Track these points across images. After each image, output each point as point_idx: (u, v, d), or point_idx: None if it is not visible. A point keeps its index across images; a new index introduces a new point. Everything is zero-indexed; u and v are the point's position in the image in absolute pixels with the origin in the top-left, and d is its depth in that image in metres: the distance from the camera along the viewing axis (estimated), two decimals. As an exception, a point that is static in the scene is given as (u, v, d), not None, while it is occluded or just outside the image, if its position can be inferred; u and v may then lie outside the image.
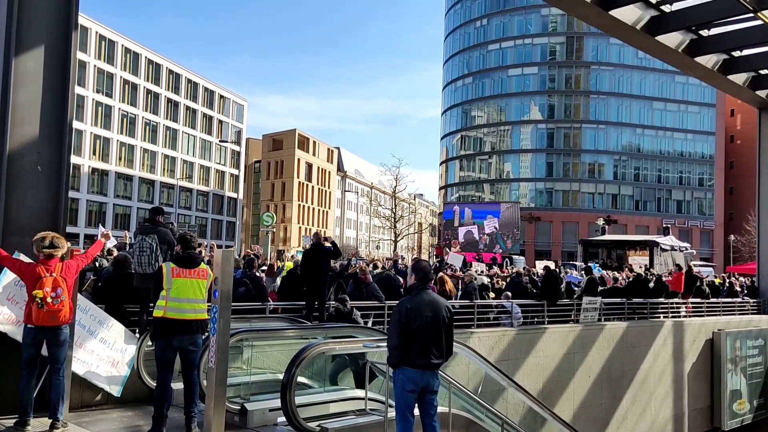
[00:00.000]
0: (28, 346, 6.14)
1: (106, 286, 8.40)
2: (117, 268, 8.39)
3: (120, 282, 8.23)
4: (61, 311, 5.96)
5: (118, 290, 8.16)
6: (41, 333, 6.05)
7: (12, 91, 6.90)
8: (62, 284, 5.99)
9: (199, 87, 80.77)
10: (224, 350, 5.21)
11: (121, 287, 8.17)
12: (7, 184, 6.91)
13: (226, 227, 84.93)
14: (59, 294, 5.93)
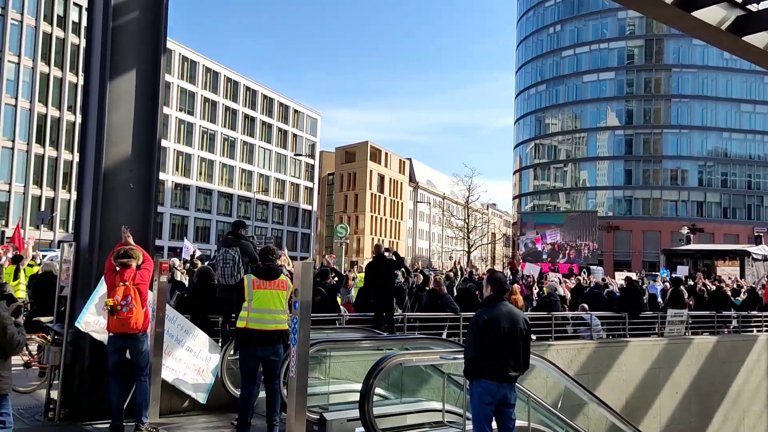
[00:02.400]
0: (111, 353, 6.51)
1: (191, 297, 8.75)
2: (201, 280, 8.73)
3: (204, 293, 8.56)
4: (130, 318, 6.25)
5: (202, 301, 8.48)
6: (120, 341, 6.39)
7: (107, 113, 7.35)
8: (133, 293, 6.30)
9: (274, 102, 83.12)
10: (304, 360, 5.32)
11: (205, 298, 8.49)
12: (103, 201, 7.35)
13: (300, 239, 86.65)
14: (129, 302, 6.23)
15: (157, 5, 7.63)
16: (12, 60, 53.06)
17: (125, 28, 7.44)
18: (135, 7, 7.45)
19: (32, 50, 54.58)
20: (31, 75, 54.66)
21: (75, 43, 58.09)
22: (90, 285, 7.21)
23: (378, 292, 9.91)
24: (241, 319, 6.13)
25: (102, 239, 7.29)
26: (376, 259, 10.29)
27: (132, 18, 7.44)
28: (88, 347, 7.10)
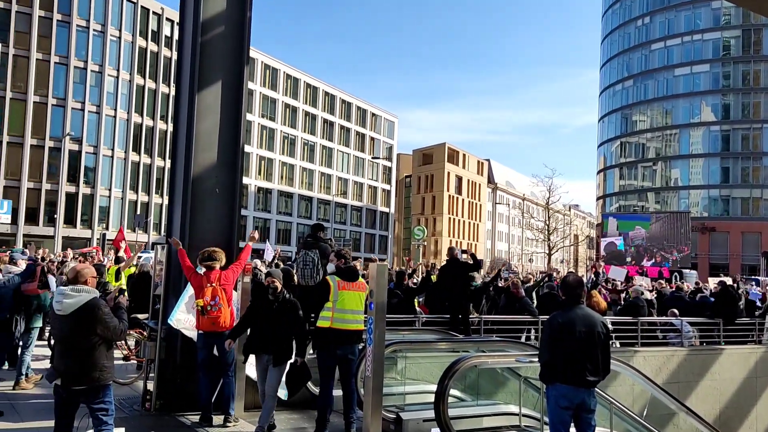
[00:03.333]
0: (200, 349, 6.93)
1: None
2: (284, 281, 9.05)
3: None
4: (219, 317, 6.69)
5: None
6: (209, 338, 6.79)
7: (196, 122, 7.79)
8: (220, 293, 6.69)
9: (352, 107, 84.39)
10: (380, 360, 5.46)
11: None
12: (192, 205, 7.79)
13: (378, 241, 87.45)
14: (217, 302, 6.64)
15: (240, 20, 8.02)
16: (111, 74, 56.55)
17: (212, 42, 7.87)
18: (221, 22, 7.86)
19: (129, 64, 57.95)
20: (128, 87, 58.05)
21: (167, 56, 61.21)
22: (180, 285, 7.67)
23: (453, 294, 9.94)
24: (325, 319, 6.34)
25: (192, 242, 7.73)
26: (450, 262, 10.33)
27: (218, 33, 7.86)
28: (180, 343, 7.56)
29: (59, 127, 52.91)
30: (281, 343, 6.37)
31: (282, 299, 6.52)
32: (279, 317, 6.38)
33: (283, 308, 6.45)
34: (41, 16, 52.48)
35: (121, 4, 57.28)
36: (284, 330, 6.39)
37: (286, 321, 6.40)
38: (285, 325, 6.40)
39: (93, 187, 55.53)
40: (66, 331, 4.60)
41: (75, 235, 53.09)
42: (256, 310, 6.61)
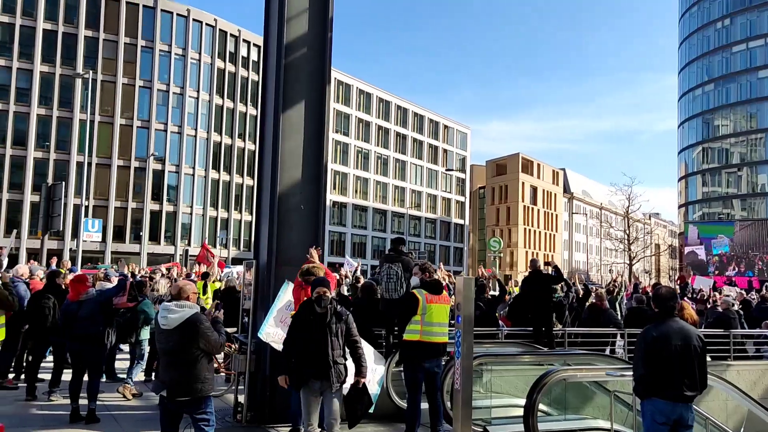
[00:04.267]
0: None
1: (356, 310, 9.23)
2: (365, 294, 9.20)
3: (368, 307, 9.01)
4: None
5: (367, 314, 8.92)
6: None
7: (281, 141, 8.08)
8: None
9: (424, 119, 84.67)
10: (469, 373, 5.47)
11: (369, 312, 8.92)
12: (279, 222, 8.06)
13: (453, 253, 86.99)
14: None
15: (322, 40, 8.28)
16: (192, 95, 59.13)
17: (295, 63, 8.15)
18: (303, 44, 8.14)
19: (208, 85, 60.44)
20: (207, 107, 60.51)
21: (244, 76, 63.46)
22: (269, 299, 7.91)
23: (536, 306, 9.80)
24: (413, 332, 6.38)
25: (278, 257, 7.99)
26: (533, 274, 10.20)
27: (301, 54, 8.14)
28: (269, 356, 7.79)
29: (144, 148, 55.68)
30: (336, 363, 5.51)
31: (333, 311, 5.65)
32: (331, 332, 5.55)
33: (336, 320, 5.63)
34: (126, 43, 55.57)
35: (200, 29, 59.91)
36: (339, 347, 5.58)
37: (340, 336, 5.61)
38: (339, 340, 5.60)
39: (175, 204, 57.98)
40: (171, 345, 4.86)
41: (159, 252, 55.51)
42: (302, 326, 5.65)
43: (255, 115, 64.68)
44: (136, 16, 56.10)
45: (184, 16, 58.79)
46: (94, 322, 7.45)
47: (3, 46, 51.39)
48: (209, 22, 60.75)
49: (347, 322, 5.73)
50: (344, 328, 5.66)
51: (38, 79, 52.40)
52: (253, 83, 64.29)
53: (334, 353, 5.54)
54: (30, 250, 45.79)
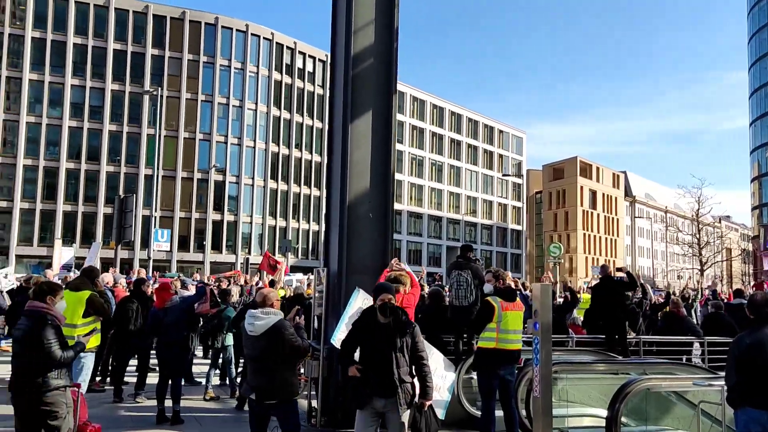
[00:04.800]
0: None
1: (425, 317, 9.29)
2: (433, 301, 9.25)
3: (436, 314, 9.05)
4: None
5: (435, 321, 8.96)
6: None
7: (350, 151, 8.23)
8: None
9: (479, 125, 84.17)
10: (548, 381, 5.43)
11: (438, 318, 8.96)
12: (348, 230, 8.21)
13: (510, 259, 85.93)
14: None
15: (388, 51, 8.41)
16: (250, 107, 60.63)
17: (362, 75, 8.31)
18: (370, 55, 8.29)
19: (266, 97, 61.85)
20: (265, 119, 61.89)
21: (300, 87, 64.65)
22: (340, 305, 8.06)
23: (608, 313, 9.60)
24: (488, 340, 6.37)
25: (348, 265, 8.13)
26: (604, 280, 10.00)
27: (368, 65, 8.29)
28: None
29: (206, 160, 57.38)
30: (403, 382, 4.82)
31: (399, 322, 4.95)
32: (395, 347, 4.85)
33: (400, 333, 4.91)
34: (189, 60, 57.53)
35: (258, 43, 61.42)
36: (405, 363, 4.89)
37: (406, 351, 4.91)
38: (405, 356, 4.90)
39: (236, 214, 59.42)
40: (258, 351, 5.04)
41: (221, 260, 56.97)
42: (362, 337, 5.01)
43: (311, 125, 65.75)
44: (199, 33, 58.04)
45: (243, 31, 60.43)
46: (178, 328, 7.78)
47: (77, 66, 54.03)
48: (267, 36, 62.21)
49: (413, 335, 4.98)
50: (410, 342, 4.92)
51: (109, 96, 54.83)
52: (309, 94, 65.41)
53: (401, 371, 4.82)
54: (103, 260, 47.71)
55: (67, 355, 4.72)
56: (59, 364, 4.64)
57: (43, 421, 4.60)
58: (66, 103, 53.60)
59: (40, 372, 4.60)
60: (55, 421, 4.60)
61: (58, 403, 4.63)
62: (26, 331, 4.64)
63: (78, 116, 54.01)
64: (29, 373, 4.61)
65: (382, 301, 4.99)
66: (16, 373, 4.74)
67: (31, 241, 52.38)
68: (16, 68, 52.43)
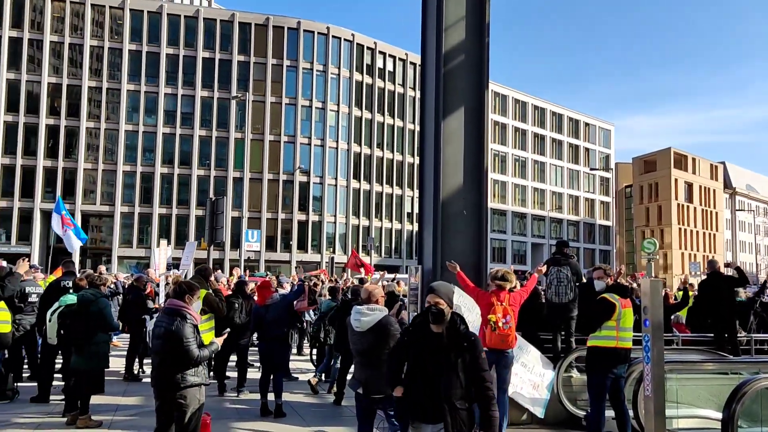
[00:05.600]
0: None
1: (520, 315, 9.17)
2: (529, 298, 9.10)
3: (531, 311, 8.92)
4: (509, 336, 6.77)
5: (531, 318, 8.83)
6: (493, 355, 6.94)
7: (442, 149, 8.24)
8: (510, 312, 6.81)
9: (563, 118, 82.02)
10: (660, 380, 5.25)
11: (532, 316, 8.83)
12: (442, 228, 8.22)
13: (599, 256, 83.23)
14: (508, 320, 6.75)
15: (479, 47, 8.35)
16: (332, 109, 61.73)
17: (454, 72, 8.29)
18: (461, 52, 8.26)
19: (348, 98, 62.78)
20: (347, 119, 62.85)
21: (381, 87, 65.20)
22: (435, 303, 8.09)
23: (716, 311, 9.14)
24: (609, 339, 6.19)
25: (443, 262, 8.13)
26: (712, 276, 9.53)
27: (459, 62, 8.27)
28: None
29: (290, 162, 58.90)
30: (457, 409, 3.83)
31: (454, 330, 3.98)
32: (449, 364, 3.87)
33: (455, 346, 3.91)
34: (273, 64, 59.22)
35: (339, 45, 62.44)
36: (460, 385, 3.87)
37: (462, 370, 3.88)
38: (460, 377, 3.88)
39: (320, 214, 60.66)
40: (364, 346, 5.16)
41: (307, 259, 58.30)
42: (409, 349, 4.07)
43: (392, 125, 66.15)
44: (282, 38, 59.65)
45: (324, 34, 61.59)
46: (279, 324, 8.06)
47: (169, 75, 56.84)
48: (347, 38, 63.11)
49: (474, 350, 3.90)
50: (469, 358, 3.88)
51: (199, 103, 57.33)
52: (390, 93, 65.83)
53: (454, 394, 3.83)
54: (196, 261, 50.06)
55: (203, 354, 4.97)
56: (196, 363, 4.89)
57: (176, 413, 4.89)
58: (160, 111, 56.48)
59: (179, 369, 4.86)
60: (186, 415, 4.88)
61: (192, 399, 4.90)
62: (167, 328, 4.90)
63: (171, 123, 56.79)
64: (169, 370, 4.88)
65: (430, 304, 4.00)
66: (157, 369, 5.04)
67: (130, 243, 55.54)
68: (115, 80, 55.74)
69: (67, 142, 54.44)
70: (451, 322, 3.99)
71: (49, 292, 8.98)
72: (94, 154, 55.24)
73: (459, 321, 4.02)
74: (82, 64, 54.67)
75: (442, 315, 3.96)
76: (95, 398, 7.58)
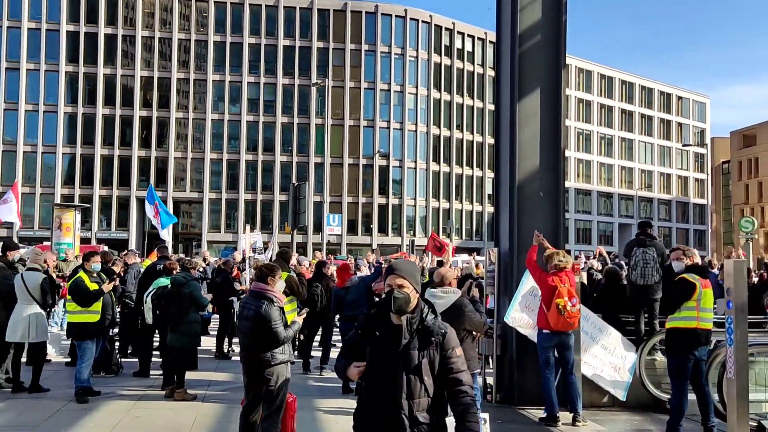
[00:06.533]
0: (546, 348, 7.08)
1: (600, 297, 9.02)
2: (609, 280, 8.95)
3: (612, 293, 8.76)
4: (576, 317, 6.75)
5: (611, 300, 8.68)
6: (557, 337, 6.94)
7: (518, 130, 8.19)
8: (575, 294, 6.78)
9: (653, 92, 78.36)
10: (744, 363, 5.10)
11: (614, 297, 8.67)
12: (518, 210, 8.20)
13: (693, 236, 79.37)
14: (575, 303, 6.72)
15: (556, 25, 8.21)
16: (411, 92, 61.68)
17: (530, 52, 8.20)
18: (537, 31, 8.16)
19: (426, 80, 62.54)
20: (426, 102, 62.66)
21: (460, 67, 64.50)
22: (512, 285, 8.11)
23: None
24: (689, 320, 6.06)
25: (519, 244, 8.12)
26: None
27: (535, 42, 8.16)
28: (515, 340, 7.99)
29: (370, 146, 59.48)
30: (418, 423, 3.01)
31: (420, 321, 3.08)
32: (409, 365, 3.01)
33: (422, 342, 3.05)
34: (352, 49, 59.78)
35: (417, 26, 62.18)
36: (424, 393, 3.02)
37: (427, 372, 3.03)
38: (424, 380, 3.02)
39: (400, 197, 61.01)
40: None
41: (388, 243, 58.87)
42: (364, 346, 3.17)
43: (471, 106, 65.38)
44: (360, 23, 60.05)
45: (402, 16, 61.48)
46: (359, 305, 8.34)
47: (252, 64, 58.57)
48: (425, 19, 62.73)
49: (444, 347, 3.06)
50: (438, 356, 3.05)
51: (281, 91, 58.80)
52: (468, 74, 65.02)
53: (414, 405, 3.00)
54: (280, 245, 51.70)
55: (288, 333, 5.26)
56: (282, 342, 5.19)
57: (264, 388, 5.20)
58: (244, 100, 58.34)
59: (267, 348, 5.16)
60: (273, 390, 5.18)
61: (279, 376, 5.20)
62: (255, 311, 5.19)
63: (254, 111, 58.56)
64: (257, 349, 5.19)
65: (390, 288, 3.08)
66: (246, 348, 5.37)
67: (219, 228, 57.95)
68: (201, 71, 58.00)
69: (158, 133, 57.30)
70: (416, 311, 3.08)
71: (146, 275, 9.66)
72: (184, 143, 57.85)
73: (427, 310, 3.13)
74: (171, 57, 57.20)
75: (406, 302, 3.02)
76: (190, 374, 8.10)
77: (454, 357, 3.08)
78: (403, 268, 3.15)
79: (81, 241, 21.86)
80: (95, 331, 7.83)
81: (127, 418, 6.96)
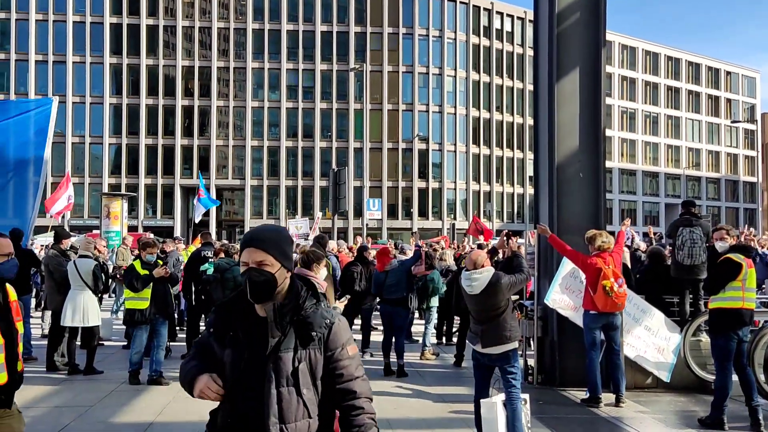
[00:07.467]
0: (592, 330, 7.01)
1: (644, 277, 8.90)
2: (653, 261, 8.82)
3: (656, 273, 8.63)
4: (623, 298, 6.69)
5: (656, 281, 8.55)
6: (603, 318, 6.88)
7: (556, 111, 8.09)
8: (620, 275, 6.72)
9: (701, 68, 75.84)
10: (792, 344, 4.99)
11: (658, 278, 8.54)
12: (558, 191, 8.12)
13: (743, 215, 76.93)
14: (621, 284, 6.66)
15: (595, 4, 8.04)
16: (449, 74, 61.14)
17: (568, 31, 8.08)
18: (576, 9, 8.02)
19: (465, 62, 61.87)
20: (464, 84, 62.04)
21: (499, 48, 63.57)
22: (552, 267, 8.07)
23: None
24: (734, 299, 5.96)
25: (560, 225, 8.06)
26: None
27: (574, 20, 8.03)
28: (555, 322, 7.97)
29: (409, 130, 59.27)
30: None
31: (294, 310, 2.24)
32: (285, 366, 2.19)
33: (299, 338, 2.22)
34: (389, 33, 59.49)
35: (455, 8, 61.46)
36: (300, 405, 2.19)
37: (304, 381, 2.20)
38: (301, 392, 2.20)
39: (440, 181, 60.76)
40: (479, 305, 5.42)
41: (428, 226, 58.78)
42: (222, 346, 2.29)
43: (511, 87, 64.45)
44: (397, 5, 59.64)
45: (439, -2, 60.88)
46: (399, 288, 8.43)
47: (290, 51, 58.90)
48: (463, 0, 61.94)
49: (329, 345, 2.25)
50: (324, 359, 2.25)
51: (319, 77, 59.01)
52: (508, 54, 64.03)
53: (291, 420, 2.17)
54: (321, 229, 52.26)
55: None
56: None
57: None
58: (282, 87, 58.77)
59: None
60: None
61: None
62: None
63: (293, 98, 58.96)
64: None
65: (247, 267, 2.24)
66: None
67: (261, 215, 58.78)
68: (240, 59, 58.62)
69: (200, 121, 58.28)
70: (289, 296, 2.27)
71: (191, 260, 9.92)
72: (225, 131, 58.71)
73: (305, 293, 2.29)
74: (211, 46, 57.96)
75: (268, 285, 2.22)
76: (235, 356, 8.32)
77: (344, 358, 2.23)
78: (264, 238, 2.27)
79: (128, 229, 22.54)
80: (144, 319, 7.96)
81: (176, 401, 7.22)
